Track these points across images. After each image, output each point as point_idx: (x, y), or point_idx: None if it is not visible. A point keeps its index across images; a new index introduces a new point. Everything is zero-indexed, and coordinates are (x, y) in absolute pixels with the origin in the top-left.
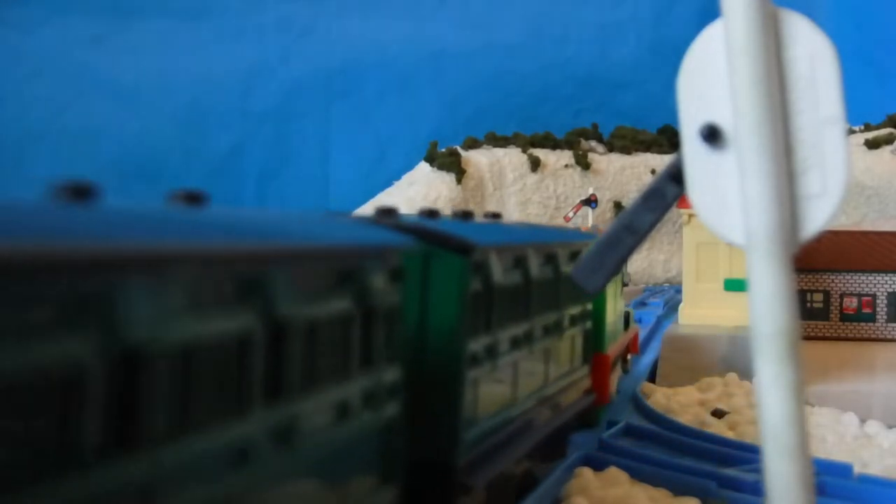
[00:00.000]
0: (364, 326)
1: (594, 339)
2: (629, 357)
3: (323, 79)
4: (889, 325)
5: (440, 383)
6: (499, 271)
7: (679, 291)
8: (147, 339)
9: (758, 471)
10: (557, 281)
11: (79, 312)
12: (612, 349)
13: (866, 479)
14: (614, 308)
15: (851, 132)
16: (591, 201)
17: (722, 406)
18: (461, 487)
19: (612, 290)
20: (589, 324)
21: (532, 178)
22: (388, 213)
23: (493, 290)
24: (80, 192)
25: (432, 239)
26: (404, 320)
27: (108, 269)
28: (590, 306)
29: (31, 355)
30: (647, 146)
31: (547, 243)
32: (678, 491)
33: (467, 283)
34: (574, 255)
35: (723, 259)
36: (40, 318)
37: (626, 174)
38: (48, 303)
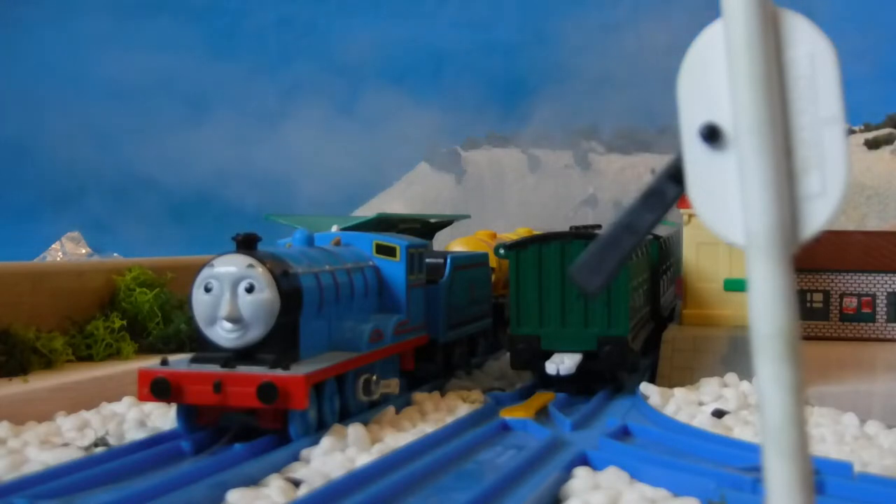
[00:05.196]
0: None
1: (676, 271)
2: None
3: (323, 79)
4: (889, 325)
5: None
6: (660, 249)
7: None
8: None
9: (758, 471)
10: (670, 249)
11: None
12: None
13: (866, 479)
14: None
15: (851, 132)
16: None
17: (721, 406)
18: (629, 348)
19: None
20: (674, 268)
21: (532, 178)
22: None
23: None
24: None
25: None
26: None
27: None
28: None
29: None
30: (647, 146)
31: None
32: (678, 491)
33: (657, 251)
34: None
35: (723, 259)
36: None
37: (626, 174)
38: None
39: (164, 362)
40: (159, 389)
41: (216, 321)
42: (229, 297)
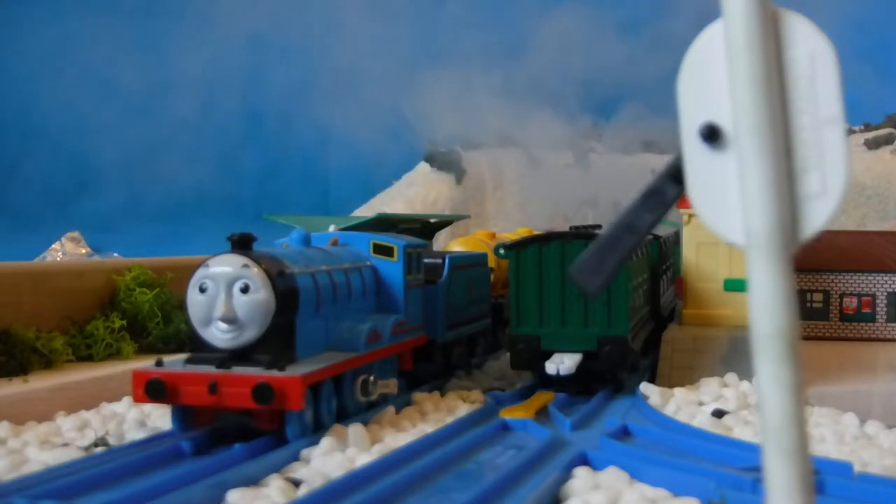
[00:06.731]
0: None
1: (676, 271)
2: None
3: (323, 79)
4: (889, 325)
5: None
6: (660, 249)
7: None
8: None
9: (758, 471)
10: (670, 249)
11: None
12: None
13: (866, 479)
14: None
15: (851, 132)
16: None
17: (721, 406)
18: (629, 348)
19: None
20: (674, 268)
21: (532, 178)
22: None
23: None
24: None
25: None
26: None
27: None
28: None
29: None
30: (647, 146)
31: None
32: (678, 491)
33: (657, 251)
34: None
35: (723, 259)
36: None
37: (626, 174)
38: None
39: (159, 363)
40: (154, 390)
41: (211, 322)
42: (224, 297)
